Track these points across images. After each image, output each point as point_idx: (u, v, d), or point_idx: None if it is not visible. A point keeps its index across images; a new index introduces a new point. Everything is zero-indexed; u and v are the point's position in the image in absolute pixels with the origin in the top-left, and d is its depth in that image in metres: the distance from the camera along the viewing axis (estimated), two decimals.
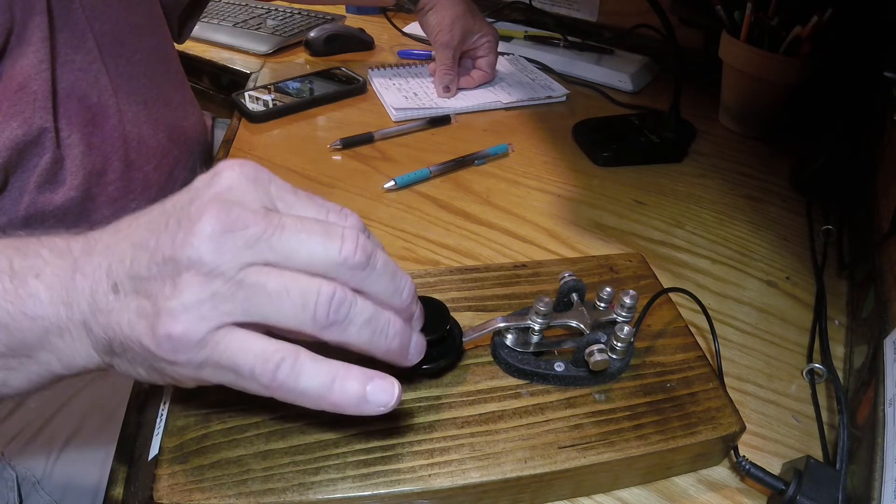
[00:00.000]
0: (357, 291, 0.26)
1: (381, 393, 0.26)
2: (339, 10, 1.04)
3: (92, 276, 0.26)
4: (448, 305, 0.34)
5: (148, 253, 0.25)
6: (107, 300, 0.26)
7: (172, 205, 0.26)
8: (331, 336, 0.26)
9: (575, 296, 0.37)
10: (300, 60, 0.88)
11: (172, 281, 0.24)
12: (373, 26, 0.97)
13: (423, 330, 0.31)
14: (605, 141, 0.66)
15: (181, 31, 0.73)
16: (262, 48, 0.88)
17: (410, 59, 0.88)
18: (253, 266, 0.25)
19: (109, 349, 0.27)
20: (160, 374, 0.27)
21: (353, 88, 0.77)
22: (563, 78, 0.84)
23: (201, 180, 0.27)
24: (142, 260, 0.25)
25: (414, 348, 0.29)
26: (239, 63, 0.87)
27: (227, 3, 1.04)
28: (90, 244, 0.28)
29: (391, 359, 0.28)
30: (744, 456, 0.34)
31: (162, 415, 0.32)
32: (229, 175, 0.26)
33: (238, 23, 0.95)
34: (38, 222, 0.47)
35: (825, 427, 0.38)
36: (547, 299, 0.34)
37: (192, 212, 0.25)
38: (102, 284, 0.26)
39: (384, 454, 0.30)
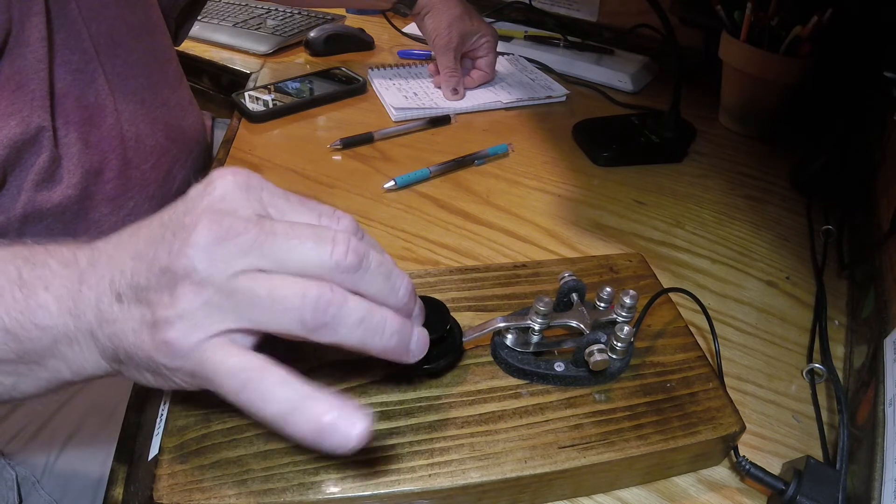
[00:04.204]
0: (354, 293, 0.26)
1: (338, 433, 0.24)
2: (339, 10, 1.04)
3: (97, 288, 0.27)
4: (448, 305, 0.34)
5: (146, 264, 0.26)
6: (111, 310, 0.27)
7: (169, 216, 0.27)
8: (322, 338, 0.25)
9: (575, 296, 0.37)
10: (300, 60, 0.88)
11: (170, 291, 0.25)
12: (373, 26, 0.97)
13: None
14: (605, 141, 0.66)
15: (178, 32, 0.73)
16: (262, 48, 0.88)
17: (410, 59, 0.88)
18: (245, 273, 0.25)
19: (116, 357, 0.27)
20: (165, 379, 0.27)
21: (353, 88, 0.77)
22: (563, 78, 0.84)
23: (196, 190, 0.27)
24: (141, 271, 0.26)
25: (416, 344, 0.28)
26: (239, 63, 0.87)
27: (227, 3, 1.04)
28: (95, 255, 0.28)
29: (391, 357, 0.28)
30: (744, 456, 0.34)
31: (162, 415, 0.32)
32: (222, 184, 0.27)
33: (238, 23, 0.95)
34: (35, 220, 0.47)
35: (825, 427, 0.38)
36: (547, 299, 0.34)
37: (186, 223, 0.25)
38: (107, 295, 0.27)
39: (384, 454, 0.30)
